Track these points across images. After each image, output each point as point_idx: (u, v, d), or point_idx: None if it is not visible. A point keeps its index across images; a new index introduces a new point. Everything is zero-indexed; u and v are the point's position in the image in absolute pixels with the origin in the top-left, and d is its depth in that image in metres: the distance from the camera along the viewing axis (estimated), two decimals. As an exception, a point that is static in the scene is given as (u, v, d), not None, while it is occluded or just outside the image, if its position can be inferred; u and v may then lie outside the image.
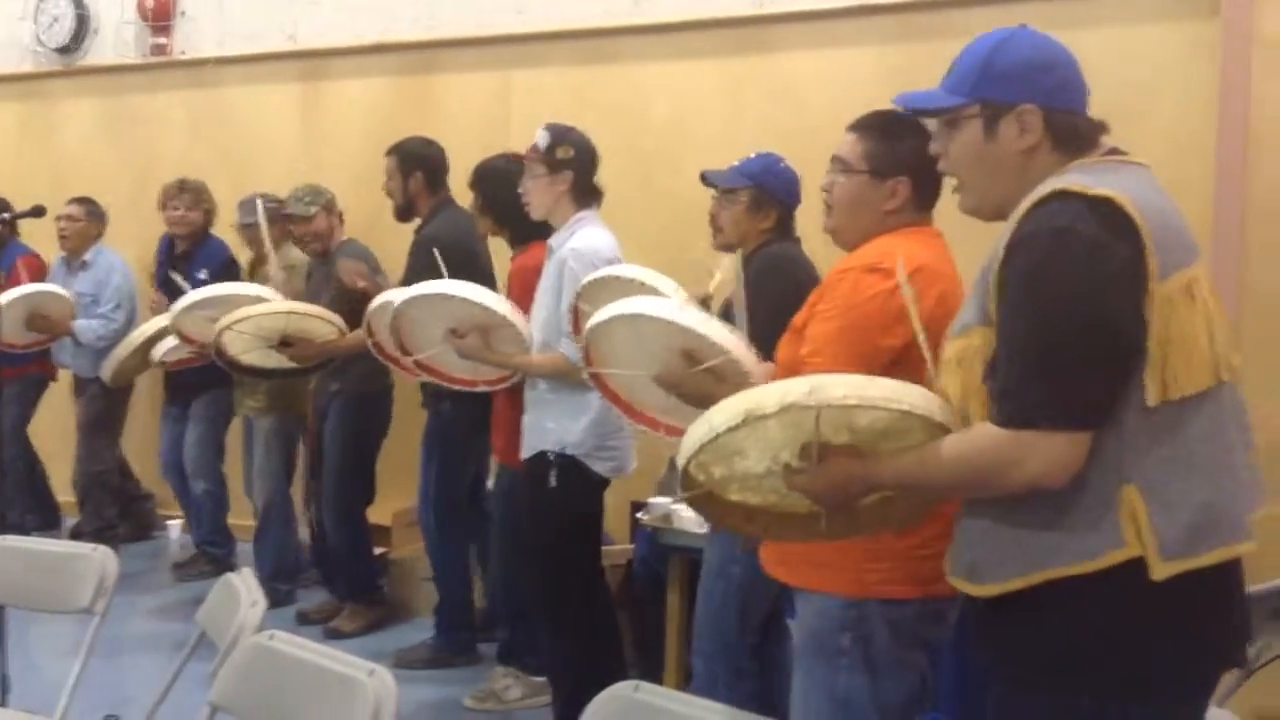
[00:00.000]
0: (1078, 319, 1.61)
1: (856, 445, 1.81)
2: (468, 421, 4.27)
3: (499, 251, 4.25)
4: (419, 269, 4.01)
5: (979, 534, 1.76)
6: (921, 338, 1.91)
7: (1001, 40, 1.82)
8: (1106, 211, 1.63)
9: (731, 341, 2.52)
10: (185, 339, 4.62)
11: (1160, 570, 1.62)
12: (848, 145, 2.31)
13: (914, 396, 1.75)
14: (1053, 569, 1.66)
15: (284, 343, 4.42)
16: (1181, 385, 1.64)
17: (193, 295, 4.57)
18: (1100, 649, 1.65)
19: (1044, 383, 1.62)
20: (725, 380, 2.44)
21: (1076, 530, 1.65)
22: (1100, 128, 1.81)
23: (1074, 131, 1.78)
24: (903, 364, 2.08)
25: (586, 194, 3.55)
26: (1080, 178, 1.68)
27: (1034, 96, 1.77)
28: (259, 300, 4.52)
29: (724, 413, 1.77)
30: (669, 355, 2.59)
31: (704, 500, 1.97)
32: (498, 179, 3.95)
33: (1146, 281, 1.62)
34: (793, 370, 2.14)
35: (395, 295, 3.82)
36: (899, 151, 2.24)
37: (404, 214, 4.49)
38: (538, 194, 3.53)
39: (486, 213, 4.04)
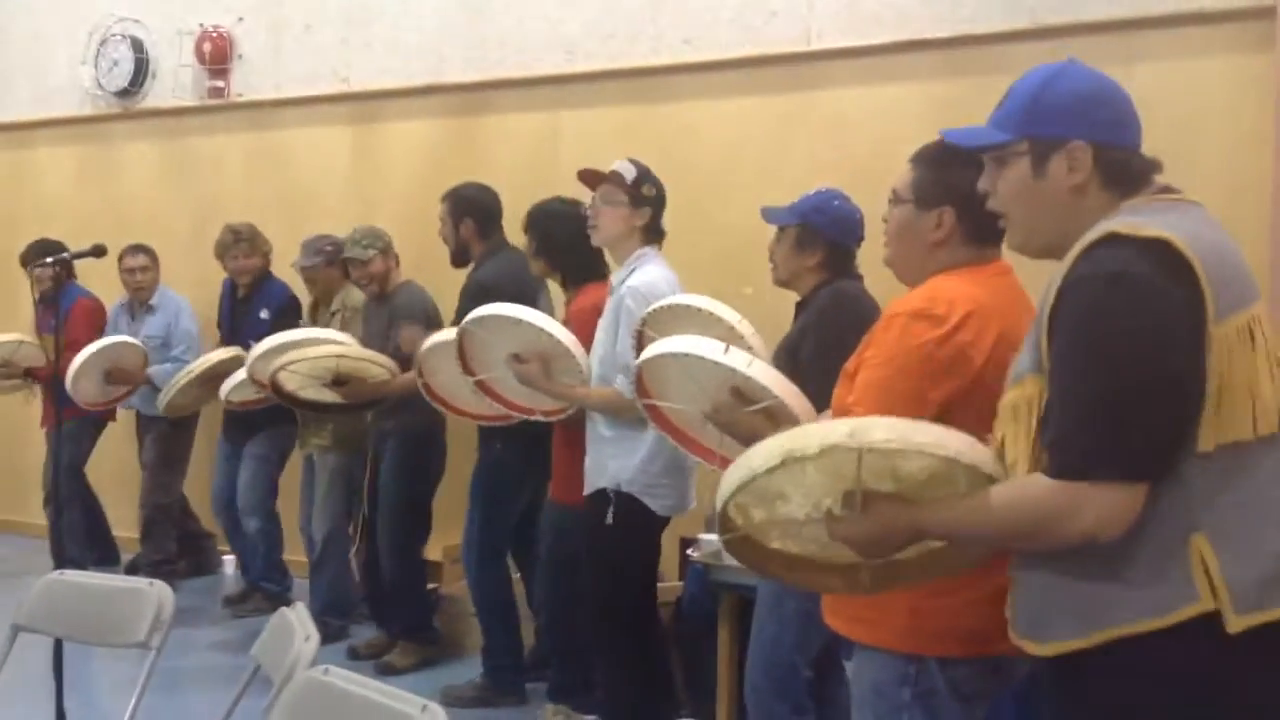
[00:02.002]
0: (1132, 366, 1.57)
1: (900, 494, 1.77)
2: (518, 463, 4.29)
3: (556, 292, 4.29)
4: (468, 312, 4.05)
5: (1038, 589, 1.72)
6: None
7: (1051, 75, 1.79)
8: (1161, 253, 1.59)
9: (779, 384, 2.50)
10: (259, 384, 4.71)
11: (1236, 623, 1.56)
12: (902, 176, 2.27)
13: (959, 443, 1.70)
14: (1120, 625, 1.61)
15: (337, 381, 4.51)
16: (1244, 429, 1.59)
17: (267, 342, 4.65)
18: (1175, 707, 1.60)
19: (1097, 432, 1.58)
20: (777, 421, 2.41)
21: (1140, 583, 1.60)
22: (1154, 165, 1.77)
23: (1125, 169, 1.74)
24: (954, 416, 2.01)
25: (656, 234, 3.60)
26: (1133, 219, 1.64)
27: (1083, 133, 1.73)
28: (329, 342, 4.62)
29: (763, 454, 1.74)
30: (720, 392, 2.59)
31: (742, 545, 1.93)
32: (552, 221, 3.99)
33: (1204, 324, 1.57)
34: (844, 416, 2.11)
35: (448, 335, 3.88)
36: (944, 181, 2.18)
37: (458, 259, 4.53)
38: (612, 221, 3.55)
39: (540, 255, 4.06)
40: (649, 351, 2.79)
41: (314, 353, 4.49)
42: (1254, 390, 1.60)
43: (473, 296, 4.09)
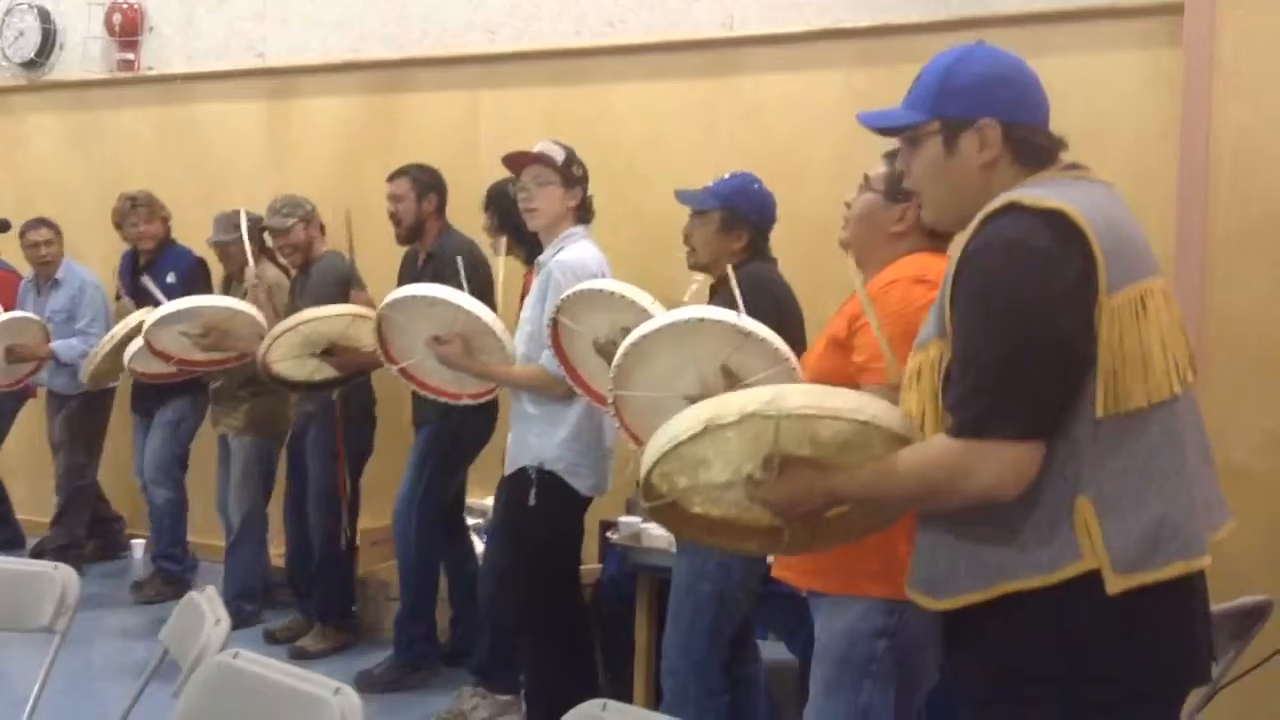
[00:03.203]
0: (1028, 330, 1.63)
1: (818, 458, 1.83)
2: (472, 437, 4.27)
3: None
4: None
5: (934, 547, 1.78)
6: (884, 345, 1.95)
7: (959, 57, 1.84)
8: (1058, 224, 1.65)
9: (786, 349, 2.53)
10: (156, 353, 4.56)
11: (1115, 584, 1.63)
12: (876, 166, 2.38)
13: (875, 408, 1.77)
14: (1008, 582, 1.67)
15: (327, 351, 4.36)
16: (1133, 397, 1.65)
17: (166, 307, 4.48)
18: (1058, 662, 1.67)
19: (995, 393, 1.64)
20: None
21: (1030, 544, 1.66)
22: (1060, 143, 1.83)
23: (1034, 146, 1.80)
24: None
25: (586, 213, 3.60)
26: (1034, 191, 1.70)
27: (993, 111, 1.79)
28: (232, 312, 4.46)
29: (686, 421, 1.78)
30: (709, 374, 2.59)
31: (666, 512, 1.97)
32: (512, 201, 3.96)
33: (1096, 294, 1.64)
34: (842, 381, 2.14)
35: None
36: None
37: (411, 235, 4.47)
38: (549, 203, 3.52)
39: (501, 233, 4.05)
40: (648, 326, 2.67)
41: (325, 312, 4.28)
42: (1145, 360, 1.66)
43: (453, 265, 3.95)
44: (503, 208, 4.04)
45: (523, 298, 3.88)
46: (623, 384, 2.79)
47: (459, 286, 3.58)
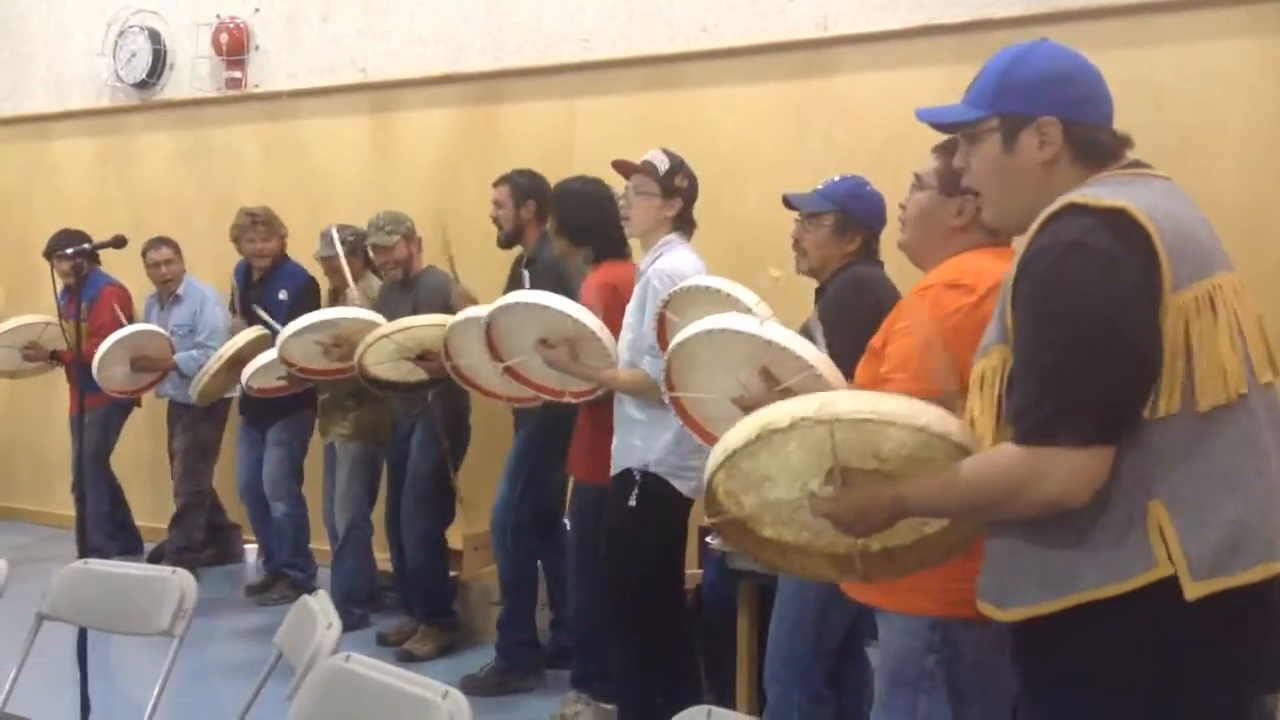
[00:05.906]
0: (1092, 333, 1.60)
1: (883, 472, 1.79)
2: (560, 439, 4.30)
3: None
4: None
5: (1004, 557, 1.74)
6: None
7: (1021, 53, 1.83)
8: (1119, 223, 1.62)
9: (816, 356, 2.50)
10: (289, 364, 4.67)
11: (1193, 590, 1.58)
12: (926, 163, 2.34)
13: (930, 415, 1.73)
14: (1081, 592, 1.63)
15: (421, 356, 4.43)
16: (1204, 397, 1.61)
17: (303, 320, 4.59)
18: (1133, 670, 1.62)
19: (1060, 398, 1.61)
20: None
21: (1102, 550, 1.62)
22: (1124, 141, 1.80)
23: (1095, 145, 1.77)
24: None
25: (686, 224, 3.61)
26: (1093, 190, 1.68)
27: (1053, 108, 1.76)
28: (367, 324, 4.51)
29: (741, 430, 1.76)
30: (749, 375, 2.58)
31: (735, 530, 1.94)
32: (570, 200, 4.01)
33: (1161, 292, 1.60)
34: (876, 389, 2.12)
35: (480, 311, 3.89)
36: None
37: (509, 241, 4.55)
38: (645, 213, 3.55)
39: (562, 233, 4.07)
40: (681, 335, 2.76)
41: (423, 321, 4.39)
42: (1215, 359, 1.61)
43: (549, 277, 4.11)
44: (560, 209, 4.06)
45: (583, 294, 3.86)
46: (676, 386, 2.86)
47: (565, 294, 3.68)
